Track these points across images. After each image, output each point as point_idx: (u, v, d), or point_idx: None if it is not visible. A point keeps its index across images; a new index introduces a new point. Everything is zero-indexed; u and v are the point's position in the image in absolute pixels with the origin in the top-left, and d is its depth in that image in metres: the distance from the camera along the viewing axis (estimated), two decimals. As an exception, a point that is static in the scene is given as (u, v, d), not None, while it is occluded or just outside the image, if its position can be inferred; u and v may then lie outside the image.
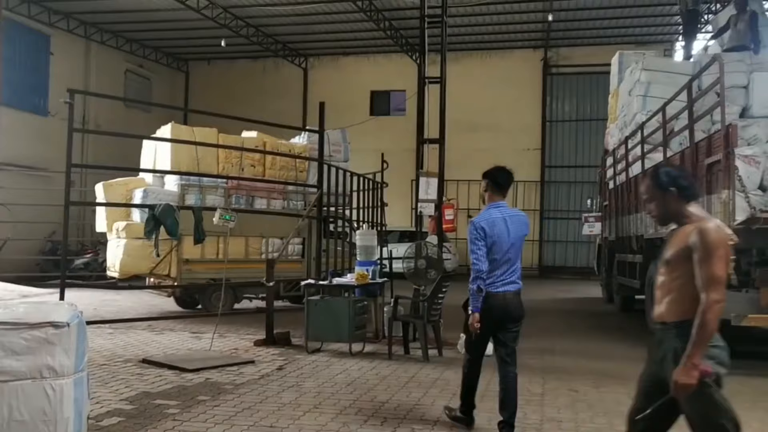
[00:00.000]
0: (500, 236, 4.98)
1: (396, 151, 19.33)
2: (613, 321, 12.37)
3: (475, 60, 25.37)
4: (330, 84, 25.73)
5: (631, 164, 11.92)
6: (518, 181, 25.03)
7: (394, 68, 25.21)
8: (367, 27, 22.96)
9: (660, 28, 23.07)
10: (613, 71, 14.26)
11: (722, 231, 3.15)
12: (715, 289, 3.01)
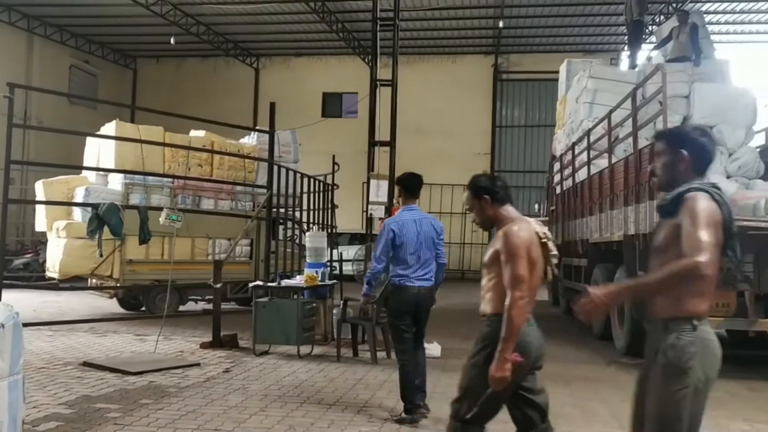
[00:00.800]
0: (409, 237, 5.52)
1: (348, 153, 19.28)
2: (558, 324, 12.57)
3: (427, 64, 25.56)
4: (282, 85, 25.56)
5: (577, 170, 12.16)
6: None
7: (347, 70, 25.21)
8: (319, 28, 22.90)
9: (607, 37, 23.64)
10: (561, 78, 14.54)
11: (526, 233, 3.34)
12: (518, 288, 3.25)
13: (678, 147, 2.88)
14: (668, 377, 2.73)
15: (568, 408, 5.87)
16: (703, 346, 2.72)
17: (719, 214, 2.72)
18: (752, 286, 7.07)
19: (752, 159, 9.71)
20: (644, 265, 7.95)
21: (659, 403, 2.76)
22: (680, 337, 2.72)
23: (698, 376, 2.71)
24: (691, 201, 2.72)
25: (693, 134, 2.91)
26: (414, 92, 23.17)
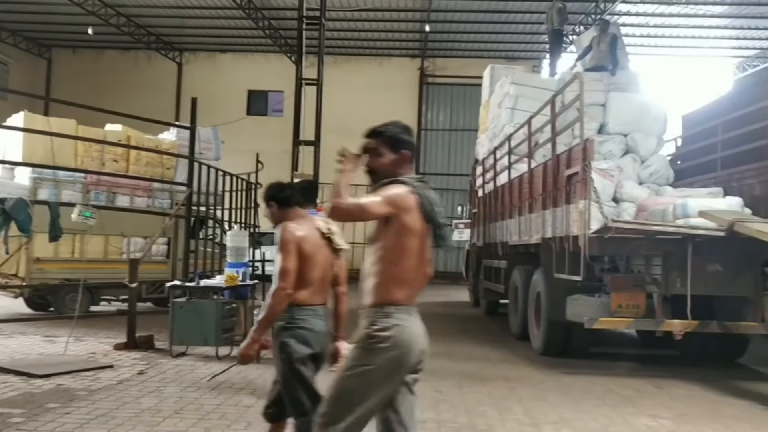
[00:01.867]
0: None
1: (272, 152, 19.05)
2: (478, 324, 12.81)
3: (354, 65, 25.59)
4: (205, 81, 25.04)
5: (498, 174, 12.41)
6: (393, 187, 25.56)
7: (273, 68, 24.95)
8: (245, 25, 22.55)
9: (529, 45, 24.26)
10: (484, 83, 14.81)
11: (302, 230, 3.66)
12: (282, 279, 3.54)
13: (399, 148, 3.01)
14: (357, 353, 2.88)
15: (485, 407, 5.97)
16: (396, 332, 2.82)
17: (412, 201, 2.86)
18: (660, 288, 7.37)
19: (663, 166, 10.12)
20: (561, 268, 8.20)
21: (344, 372, 2.89)
22: (375, 322, 2.85)
23: (386, 359, 2.81)
24: (382, 189, 2.90)
25: (404, 135, 3.06)
26: (341, 93, 23.15)
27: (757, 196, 8.92)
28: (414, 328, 2.90)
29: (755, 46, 23.31)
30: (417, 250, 2.89)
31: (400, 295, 2.88)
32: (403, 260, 2.86)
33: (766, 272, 7.32)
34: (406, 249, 2.86)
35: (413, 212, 2.86)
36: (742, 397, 6.70)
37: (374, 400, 2.84)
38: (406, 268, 2.87)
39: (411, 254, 2.87)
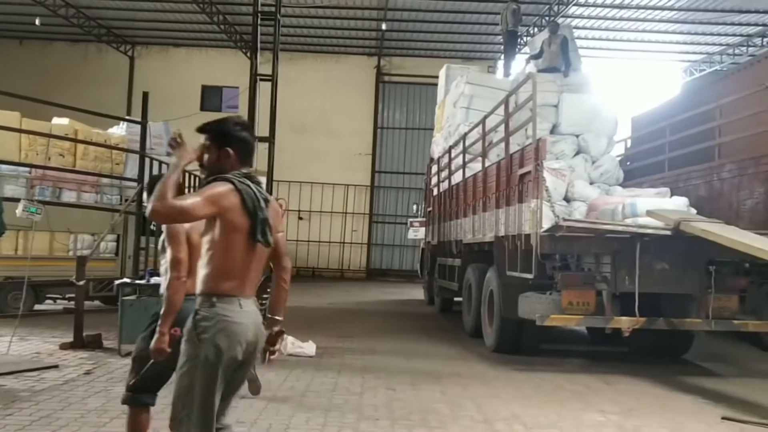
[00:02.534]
0: None
1: (226, 148, 18.79)
2: (433, 322, 12.87)
3: (310, 62, 25.43)
4: (158, 75, 24.53)
5: (453, 173, 12.49)
6: (349, 185, 25.51)
7: (227, 64, 24.60)
8: (199, 19, 22.18)
9: (485, 45, 24.47)
10: (440, 83, 14.90)
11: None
12: (174, 269, 3.47)
13: (224, 144, 3.07)
14: (185, 347, 2.94)
15: (438, 404, 6.00)
16: (217, 321, 2.88)
17: (234, 198, 2.91)
18: (609, 285, 7.51)
19: (613, 167, 10.34)
20: (513, 266, 8.29)
21: (178, 370, 2.95)
22: (199, 312, 2.93)
23: (210, 349, 2.86)
24: (206, 187, 2.95)
25: (235, 131, 3.10)
26: (297, 89, 23.00)
27: (702, 196, 9.20)
28: (240, 318, 2.94)
29: (702, 51, 23.95)
30: (244, 245, 2.94)
31: (227, 286, 2.93)
32: (229, 254, 2.92)
33: (710, 270, 7.51)
34: (231, 244, 2.92)
35: (235, 209, 2.90)
36: (688, 392, 6.88)
37: (211, 392, 2.88)
38: (232, 261, 2.93)
39: (237, 249, 2.93)
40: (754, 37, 22.03)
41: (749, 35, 22.06)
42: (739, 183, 8.53)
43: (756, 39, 22.05)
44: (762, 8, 19.80)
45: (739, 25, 21.32)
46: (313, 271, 25.29)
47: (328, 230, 25.55)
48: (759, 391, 7.02)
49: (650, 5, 19.86)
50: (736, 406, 6.25)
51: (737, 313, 7.69)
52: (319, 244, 25.48)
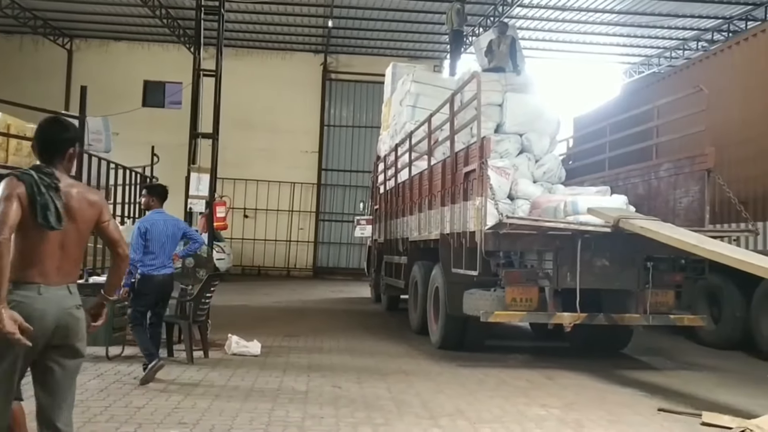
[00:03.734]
0: (159, 234, 6.91)
1: (170, 145, 18.40)
2: (379, 320, 12.91)
3: (256, 58, 25.18)
4: (98, 70, 23.85)
5: (400, 171, 12.53)
6: (296, 183, 25.33)
7: (170, 59, 24.12)
8: (141, 12, 21.67)
9: (431, 44, 24.62)
10: (386, 81, 14.92)
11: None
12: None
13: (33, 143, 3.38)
14: None
15: (384, 401, 6.01)
16: (13, 307, 3.01)
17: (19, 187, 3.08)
18: (551, 282, 7.65)
19: (555, 166, 10.53)
20: (458, 263, 8.37)
21: None
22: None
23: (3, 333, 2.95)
24: None
25: (40, 126, 3.39)
26: (242, 86, 22.71)
27: (641, 194, 9.47)
28: (38, 305, 3.09)
29: (641, 53, 24.64)
30: (35, 232, 3.09)
31: (25, 273, 3.09)
32: (24, 241, 3.09)
33: (648, 267, 7.74)
34: (23, 231, 3.06)
35: (22, 197, 3.07)
36: (626, 386, 7.07)
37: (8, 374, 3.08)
38: (28, 248, 3.10)
39: (29, 236, 3.09)
40: (689, 40, 22.79)
41: (685, 39, 22.81)
42: (676, 181, 8.80)
43: (691, 43, 22.81)
44: (697, 13, 20.51)
45: (675, 29, 22.02)
46: (259, 269, 25.04)
47: (274, 228, 25.34)
48: (693, 383, 7.26)
49: (591, 8, 20.33)
50: (671, 398, 6.45)
51: (673, 308, 7.95)
52: (265, 243, 25.24)
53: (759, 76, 9.76)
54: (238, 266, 24.22)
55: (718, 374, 8.01)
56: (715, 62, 10.94)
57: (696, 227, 7.92)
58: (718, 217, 9.47)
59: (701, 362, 8.78)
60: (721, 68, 10.61)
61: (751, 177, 9.57)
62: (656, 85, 13.00)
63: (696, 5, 19.84)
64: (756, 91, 9.77)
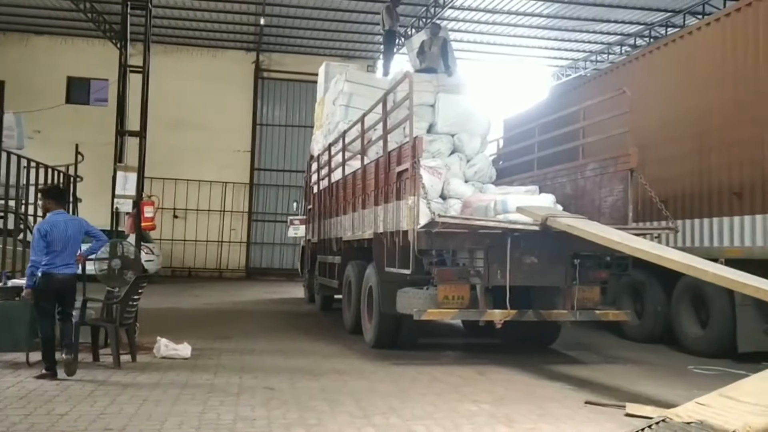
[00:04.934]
0: (60, 235, 6.82)
1: (97, 143, 17.71)
2: (313, 320, 12.84)
3: (186, 55, 24.68)
4: (18, 64, 22.84)
5: (333, 170, 12.49)
6: (227, 183, 24.94)
7: (96, 54, 23.35)
8: (64, 5, 20.90)
9: (365, 44, 24.67)
10: (319, 81, 14.88)
11: None
12: None
13: None
14: None
15: (317, 401, 5.98)
16: None
17: None
18: (482, 280, 7.77)
19: (486, 166, 10.72)
20: (392, 262, 8.42)
21: None
22: None
23: None
24: None
25: None
26: (172, 83, 22.19)
27: (568, 193, 9.74)
28: None
29: (568, 57, 25.37)
30: None
31: None
32: None
33: (575, 264, 7.95)
34: None
35: None
36: (555, 380, 7.25)
37: None
38: None
39: None
40: (613, 45, 23.60)
41: (609, 43, 23.61)
42: (601, 181, 9.09)
43: (615, 47, 23.63)
44: (620, 19, 21.25)
45: (600, 34, 22.76)
46: (190, 271, 24.56)
47: (205, 229, 24.89)
48: (618, 377, 7.51)
49: (520, 11, 20.79)
50: (597, 391, 6.65)
51: (599, 303, 8.19)
52: (196, 244, 24.77)
53: (678, 80, 10.19)
54: (168, 268, 23.68)
55: (641, 367, 8.30)
56: (638, 66, 11.34)
57: (620, 225, 8.20)
58: (641, 215, 9.83)
59: (625, 355, 9.09)
60: (643, 72, 11.02)
61: (671, 177, 9.98)
62: (582, 88, 13.39)
63: (619, 11, 20.56)
64: (675, 94, 10.19)
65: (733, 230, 8.87)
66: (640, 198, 9.31)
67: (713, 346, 8.89)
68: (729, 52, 9.16)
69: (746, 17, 8.88)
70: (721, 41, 9.34)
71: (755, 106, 8.63)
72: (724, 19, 9.40)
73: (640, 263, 7.25)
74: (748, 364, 7.80)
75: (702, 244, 9.37)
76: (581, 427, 5.31)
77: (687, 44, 10.15)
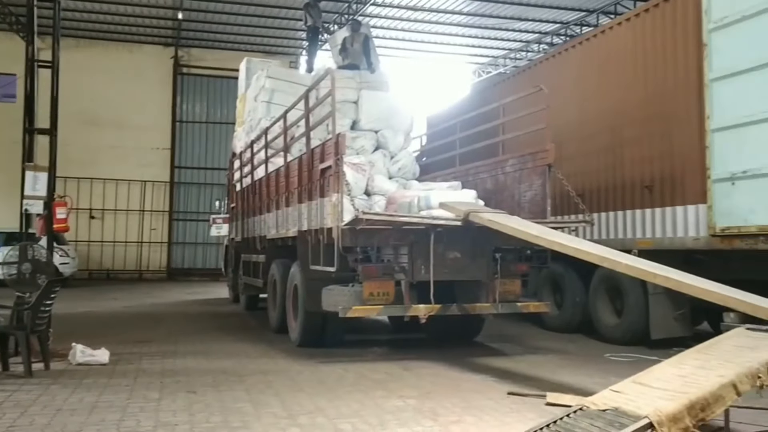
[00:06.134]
0: None
1: (4, 142, 17.00)
2: (238, 320, 12.63)
3: (99, 50, 23.82)
4: None
5: (256, 167, 12.32)
6: (146, 182, 24.24)
7: (2, 48, 22.22)
8: (-34, -4, 19.80)
9: (287, 40, 24.45)
10: (241, 77, 14.64)
11: None
12: None
13: None
14: None
15: (241, 403, 5.88)
16: None
17: None
18: (407, 275, 7.82)
19: (410, 162, 10.80)
20: (316, 260, 8.36)
21: None
22: None
23: None
24: None
25: None
26: (86, 80, 21.43)
27: (489, 189, 9.93)
28: None
29: (488, 54, 25.86)
30: None
31: None
32: None
33: (496, 258, 8.11)
34: None
35: None
36: (479, 372, 7.37)
37: None
38: None
39: None
40: (531, 43, 24.21)
41: (528, 41, 24.21)
42: (520, 176, 9.30)
43: (533, 45, 24.25)
44: (538, 18, 21.82)
45: (519, 32, 23.31)
46: (108, 273, 23.78)
47: (124, 229, 24.13)
48: (539, 367, 7.71)
49: (441, 9, 21.04)
50: (520, 382, 6.81)
51: (520, 296, 8.38)
52: (115, 245, 23.99)
53: (592, 77, 10.54)
54: (85, 270, 22.85)
55: (561, 356, 8.55)
56: (555, 63, 11.67)
57: (539, 219, 8.41)
58: (559, 209, 10.14)
59: (546, 346, 9.34)
60: (559, 69, 11.34)
61: (587, 171, 10.32)
62: (502, 85, 13.67)
63: (537, 10, 21.11)
64: (590, 91, 10.54)
65: (645, 222, 9.25)
66: (558, 192, 9.59)
67: (628, 334, 9.25)
68: (639, 50, 9.54)
69: (654, 17, 9.27)
70: (631, 40, 9.71)
71: (663, 103, 9.03)
72: (634, 19, 9.77)
73: (559, 256, 7.45)
74: (661, 350, 8.15)
75: (616, 236, 9.74)
76: (504, 418, 5.42)
77: (600, 43, 10.51)
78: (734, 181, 7.72)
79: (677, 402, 3.58)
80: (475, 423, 5.26)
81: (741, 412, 5.02)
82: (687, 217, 8.55)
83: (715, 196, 7.97)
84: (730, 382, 3.72)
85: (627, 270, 5.89)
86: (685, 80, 8.64)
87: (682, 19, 8.70)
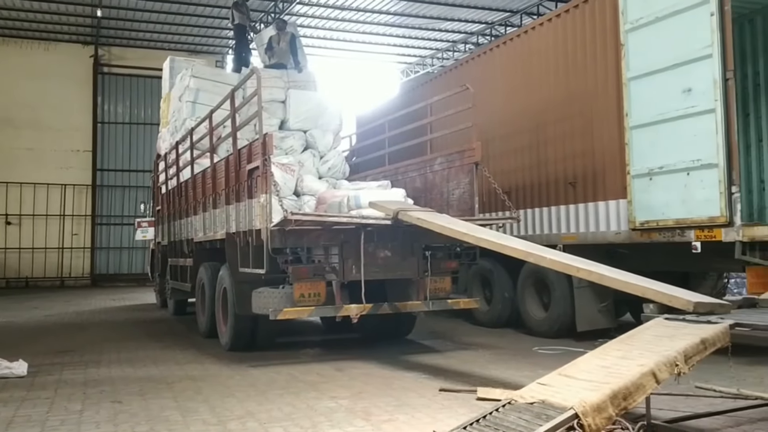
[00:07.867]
0: None
1: None
2: (165, 326, 12.31)
3: (12, 48, 22.85)
4: None
5: (182, 169, 12.04)
6: (67, 185, 23.37)
7: None
8: None
9: (213, 39, 24.02)
10: (164, 76, 14.29)
11: None
12: None
13: None
14: None
15: (169, 411, 5.72)
16: None
17: None
18: (338, 275, 7.79)
19: (339, 162, 10.78)
20: (246, 262, 8.23)
21: None
22: None
23: None
24: None
25: None
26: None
27: (418, 187, 10.01)
28: None
29: (415, 54, 26.08)
30: None
31: None
32: None
33: (426, 255, 8.18)
34: None
35: None
36: (411, 370, 7.41)
37: None
38: None
39: None
40: (458, 43, 24.55)
41: (454, 41, 24.54)
42: (448, 174, 9.41)
43: (460, 45, 24.59)
44: (463, 18, 22.14)
45: (445, 32, 23.60)
46: (27, 281, 22.80)
47: (43, 235, 23.19)
48: (470, 362, 7.81)
49: (368, 8, 21.09)
50: (451, 378, 6.88)
51: (450, 292, 8.48)
52: (33, 251, 23.02)
53: (517, 76, 10.76)
54: (2, 279, 21.90)
55: (491, 351, 8.69)
56: (480, 63, 11.85)
57: (467, 216, 8.52)
58: (486, 207, 10.31)
59: (477, 341, 9.47)
60: (485, 68, 11.53)
61: (513, 169, 10.53)
62: (429, 84, 13.80)
63: (462, 10, 21.42)
64: (515, 89, 10.76)
65: (569, 218, 9.51)
66: (485, 190, 9.75)
67: (555, 327, 9.48)
68: (560, 49, 9.79)
69: (575, 18, 9.53)
70: (553, 40, 9.96)
71: (584, 101, 9.29)
72: (556, 19, 10.02)
73: (488, 252, 7.56)
74: (586, 342, 8.38)
75: (542, 232, 9.97)
76: (436, 414, 5.46)
77: (523, 42, 10.73)
78: (652, 176, 8.02)
79: (600, 392, 3.68)
80: (407, 421, 5.28)
81: (661, 399, 5.22)
82: (609, 212, 8.83)
83: (634, 192, 8.26)
84: (650, 371, 3.84)
85: (551, 264, 6.02)
86: (604, 79, 8.92)
87: (601, 20, 8.98)
